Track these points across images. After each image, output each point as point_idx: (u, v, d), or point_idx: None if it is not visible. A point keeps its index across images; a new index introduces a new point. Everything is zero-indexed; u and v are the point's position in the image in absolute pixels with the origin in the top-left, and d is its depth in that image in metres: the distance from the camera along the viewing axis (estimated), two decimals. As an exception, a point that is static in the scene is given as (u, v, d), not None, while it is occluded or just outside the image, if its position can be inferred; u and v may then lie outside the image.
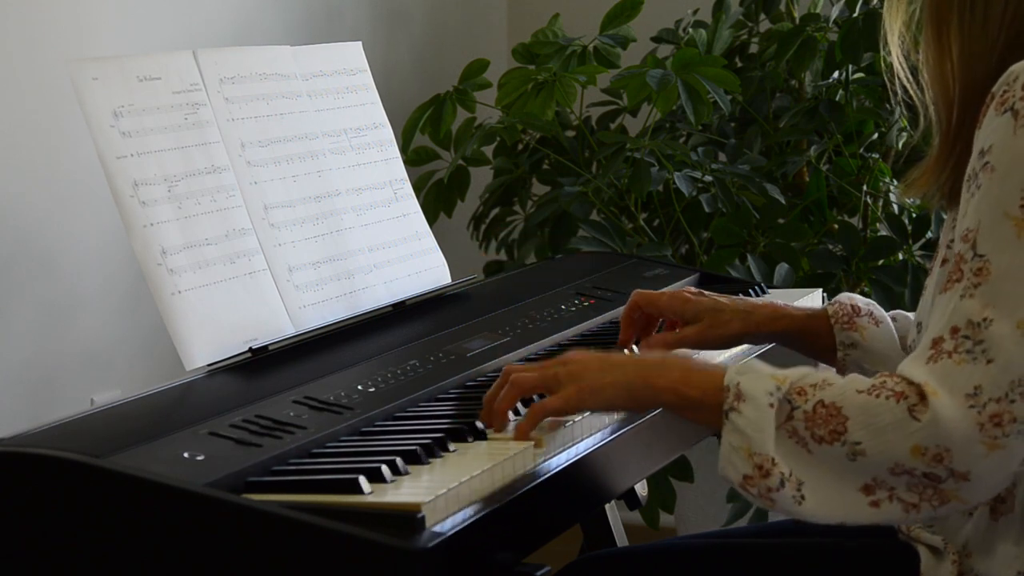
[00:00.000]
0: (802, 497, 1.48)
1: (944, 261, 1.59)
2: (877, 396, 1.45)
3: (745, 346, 2.02)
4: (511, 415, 1.65)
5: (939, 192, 1.62)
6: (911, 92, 1.71)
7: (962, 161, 1.56)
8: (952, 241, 1.53)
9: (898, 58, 1.71)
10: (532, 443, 1.59)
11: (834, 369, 1.93)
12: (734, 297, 1.94)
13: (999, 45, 1.56)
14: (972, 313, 1.44)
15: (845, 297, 1.92)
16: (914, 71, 1.70)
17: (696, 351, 1.93)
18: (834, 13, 3.08)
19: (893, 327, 1.89)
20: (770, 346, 2.02)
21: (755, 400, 1.50)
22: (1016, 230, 1.44)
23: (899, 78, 1.71)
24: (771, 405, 1.49)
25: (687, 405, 1.57)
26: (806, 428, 1.47)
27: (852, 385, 1.48)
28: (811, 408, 1.48)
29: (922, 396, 1.43)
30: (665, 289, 2.32)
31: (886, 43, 1.71)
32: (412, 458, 1.53)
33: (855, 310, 1.89)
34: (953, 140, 1.60)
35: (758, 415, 1.49)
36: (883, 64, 1.75)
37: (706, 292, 1.94)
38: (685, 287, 1.95)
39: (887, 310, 2.88)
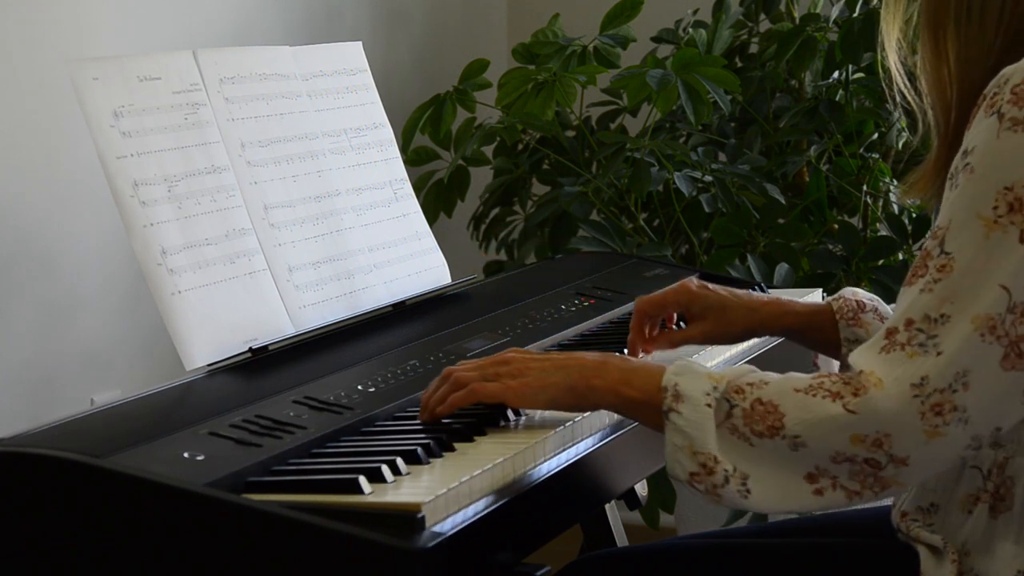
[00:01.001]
0: (747, 491, 1.51)
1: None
2: (814, 396, 1.48)
3: (754, 340, 2.03)
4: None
5: (936, 195, 1.63)
6: (909, 97, 1.71)
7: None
8: (927, 240, 1.54)
9: (895, 64, 1.71)
10: (533, 443, 1.59)
11: (838, 363, 1.94)
12: (738, 292, 1.95)
13: (995, 49, 1.57)
14: (929, 308, 1.46)
15: (849, 292, 1.93)
16: (911, 76, 1.71)
17: (702, 347, 1.95)
18: (834, 13, 3.08)
19: None
20: (779, 340, 2.03)
21: (692, 400, 1.52)
22: (985, 231, 1.45)
23: (897, 84, 1.72)
24: (708, 405, 1.52)
25: (628, 406, 1.60)
26: (745, 424, 1.50)
27: (789, 384, 1.51)
28: (749, 406, 1.50)
29: (861, 387, 1.46)
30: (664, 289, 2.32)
31: (883, 48, 1.71)
32: (412, 458, 1.53)
33: (860, 306, 1.91)
34: (951, 144, 1.60)
35: (696, 415, 1.52)
36: (880, 70, 1.75)
37: (709, 285, 1.94)
38: (688, 279, 1.94)
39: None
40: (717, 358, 2.00)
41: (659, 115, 3.01)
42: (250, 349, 1.86)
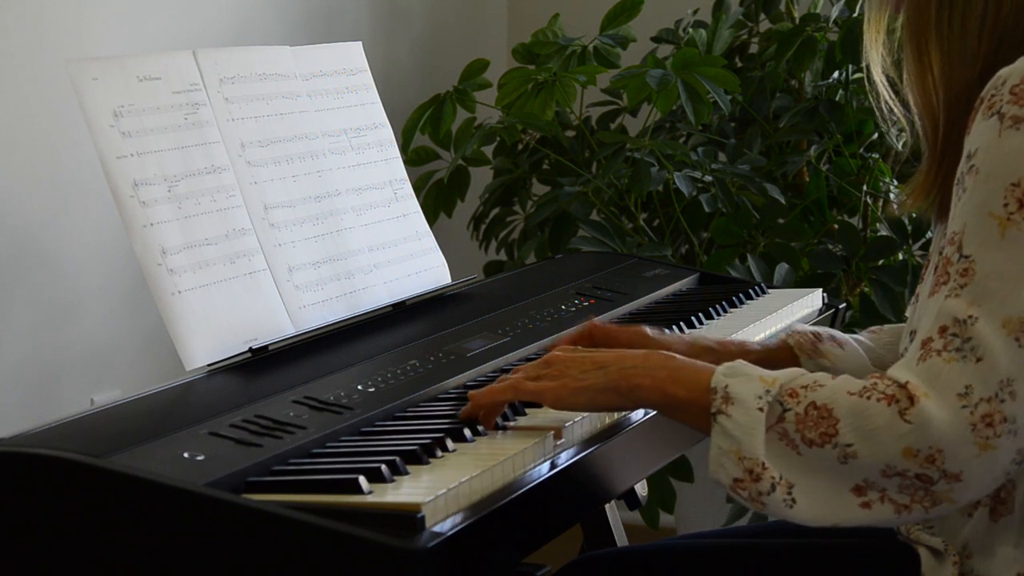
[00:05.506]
0: (793, 500, 1.48)
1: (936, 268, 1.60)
2: (868, 398, 1.45)
3: None
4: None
5: (930, 206, 1.62)
6: (896, 109, 1.71)
7: (951, 174, 1.57)
8: (944, 248, 1.53)
9: (879, 76, 1.71)
10: (533, 443, 1.59)
11: None
12: (696, 334, 1.90)
13: (979, 56, 1.56)
14: (958, 311, 1.44)
15: (799, 327, 1.90)
16: (895, 88, 1.71)
17: None
18: (834, 13, 3.08)
19: (859, 347, 1.87)
20: None
21: (744, 403, 1.49)
22: (1000, 229, 1.44)
23: (883, 96, 1.72)
24: (760, 409, 1.49)
25: (673, 405, 1.57)
26: (796, 430, 1.47)
27: (844, 386, 1.48)
28: (803, 410, 1.47)
29: (912, 398, 1.43)
30: (665, 289, 2.33)
31: (867, 61, 1.71)
32: (412, 458, 1.53)
33: (816, 336, 1.87)
34: (940, 154, 1.60)
35: (747, 418, 1.49)
36: (867, 83, 1.75)
37: (666, 331, 1.89)
38: (642, 326, 1.87)
39: (887, 310, 2.90)
40: None
41: (659, 115, 3.02)
42: (250, 349, 1.86)
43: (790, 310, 2.26)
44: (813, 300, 2.35)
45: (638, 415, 1.75)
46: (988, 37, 1.56)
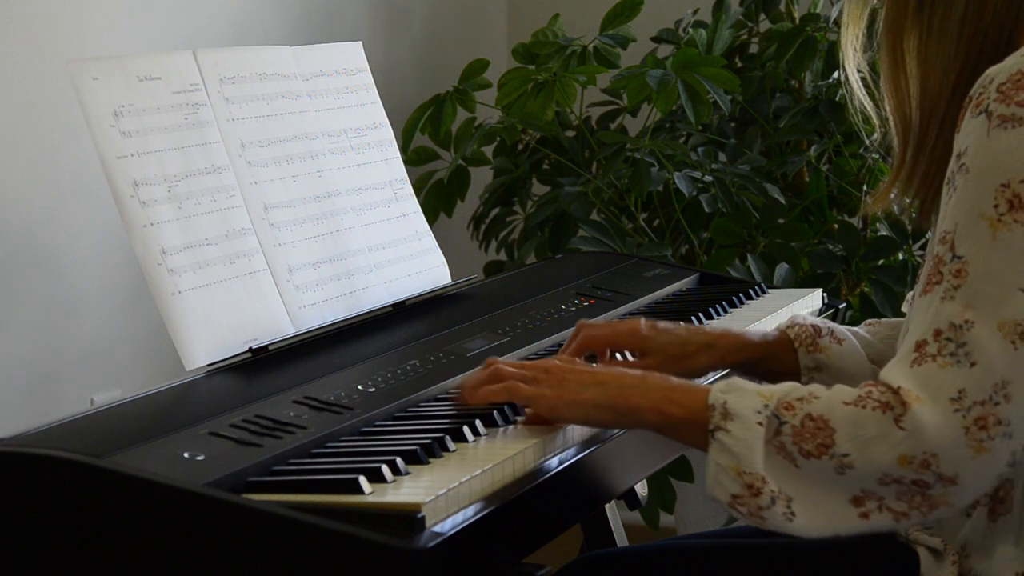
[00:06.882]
0: (792, 514, 1.48)
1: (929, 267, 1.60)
2: (863, 407, 1.46)
3: None
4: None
5: (911, 208, 1.62)
6: (869, 109, 1.72)
7: (927, 177, 1.57)
8: (936, 247, 1.53)
9: (853, 77, 1.71)
10: (533, 443, 1.59)
11: None
12: (691, 327, 1.88)
13: (956, 64, 1.56)
14: (953, 315, 1.44)
15: (800, 318, 1.89)
16: (870, 89, 1.71)
17: None
18: (834, 13, 3.08)
19: (857, 343, 1.87)
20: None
21: (743, 418, 1.49)
22: (991, 230, 1.45)
23: (856, 96, 1.72)
24: (760, 423, 1.49)
25: (669, 424, 1.56)
26: (794, 443, 1.47)
27: (838, 396, 1.48)
28: (799, 422, 1.48)
29: (904, 404, 1.43)
30: (665, 289, 2.32)
31: (843, 61, 1.71)
32: (412, 458, 1.53)
33: (816, 331, 1.86)
34: (915, 156, 1.60)
35: (747, 433, 1.49)
36: (842, 80, 1.75)
37: (660, 324, 1.87)
38: (637, 319, 1.85)
39: (887, 310, 2.90)
40: None
41: (659, 115, 3.02)
42: (250, 349, 1.86)
43: (790, 310, 2.26)
44: (813, 300, 2.35)
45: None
46: (967, 44, 1.56)
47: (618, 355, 1.89)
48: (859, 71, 1.71)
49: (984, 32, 1.55)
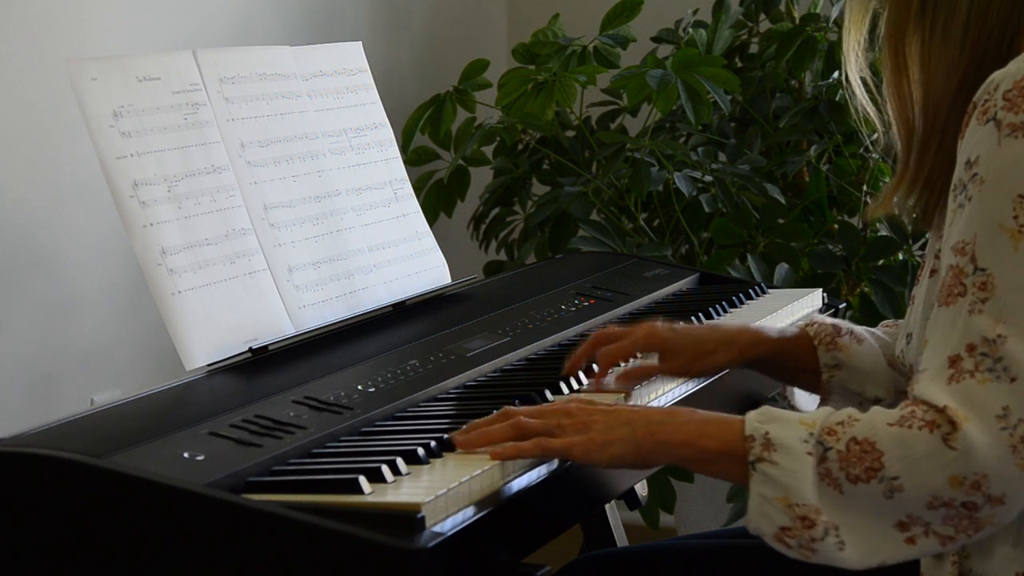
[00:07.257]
0: (842, 543, 1.45)
1: (933, 272, 1.59)
2: (909, 427, 1.43)
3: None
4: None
5: (912, 212, 1.62)
6: (871, 113, 1.71)
7: (930, 182, 1.56)
8: (940, 251, 1.52)
9: (855, 80, 1.70)
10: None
11: (810, 393, 1.90)
12: (710, 324, 1.86)
13: (959, 69, 1.55)
14: (985, 329, 1.43)
15: (819, 317, 1.89)
16: (871, 93, 1.70)
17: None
18: (834, 13, 3.08)
19: (875, 343, 1.86)
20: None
21: (790, 448, 1.46)
22: (1013, 242, 1.43)
23: (858, 99, 1.71)
24: (809, 453, 1.46)
25: (705, 459, 1.53)
26: (840, 468, 1.45)
27: (881, 418, 1.45)
28: (844, 447, 1.45)
29: (953, 423, 1.41)
30: (665, 289, 2.32)
31: (845, 65, 1.70)
32: (412, 458, 1.53)
33: (836, 330, 1.85)
34: (919, 160, 1.59)
35: (795, 464, 1.46)
36: (843, 83, 1.74)
37: (676, 326, 1.86)
38: (655, 321, 1.84)
39: (887, 310, 2.90)
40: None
41: (659, 115, 3.02)
42: (250, 349, 1.86)
43: (790, 310, 2.26)
44: (813, 300, 2.35)
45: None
46: (970, 48, 1.55)
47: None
48: (861, 76, 1.71)
49: (987, 36, 1.55)
